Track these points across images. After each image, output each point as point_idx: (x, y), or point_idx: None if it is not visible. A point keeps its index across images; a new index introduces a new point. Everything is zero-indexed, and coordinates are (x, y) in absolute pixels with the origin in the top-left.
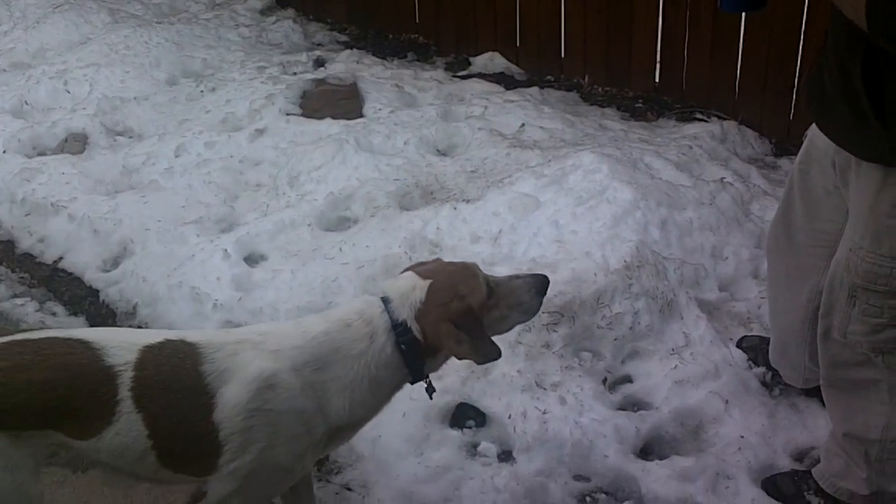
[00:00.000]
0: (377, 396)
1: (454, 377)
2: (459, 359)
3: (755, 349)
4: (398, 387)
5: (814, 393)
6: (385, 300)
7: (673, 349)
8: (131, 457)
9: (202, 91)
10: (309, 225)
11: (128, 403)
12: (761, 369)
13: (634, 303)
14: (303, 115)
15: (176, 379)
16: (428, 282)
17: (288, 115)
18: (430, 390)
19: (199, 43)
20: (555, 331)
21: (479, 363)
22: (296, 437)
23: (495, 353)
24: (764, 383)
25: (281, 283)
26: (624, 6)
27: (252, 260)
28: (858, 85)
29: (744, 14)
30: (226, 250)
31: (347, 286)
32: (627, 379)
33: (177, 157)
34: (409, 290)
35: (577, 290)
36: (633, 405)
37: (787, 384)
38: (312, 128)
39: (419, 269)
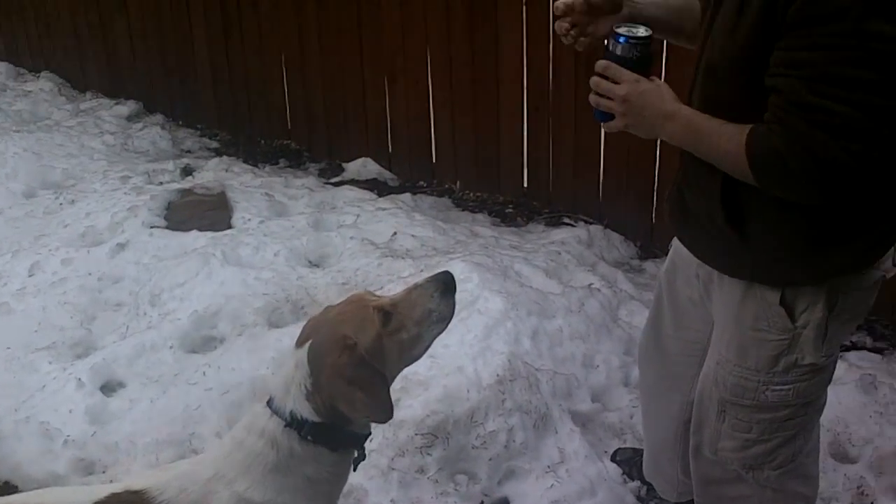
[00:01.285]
0: (333, 485)
1: None
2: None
3: (629, 462)
4: (343, 462)
5: None
6: (269, 400)
7: (549, 466)
8: None
9: (61, 204)
10: (171, 347)
11: None
12: (636, 483)
13: (508, 419)
14: (168, 227)
15: None
16: (305, 347)
17: (152, 227)
18: (360, 460)
19: (60, 152)
20: (429, 454)
21: (382, 422)
22: None
23: (389, 411)
24: (639, 498)
25: (139, 414)
26: (489, 113)
27: (108, 388)
28: (718, 204)
29: None
30: (79, 379)
31: (211, 414)
32: (504, 501)
33: (31, 276)
34: (292, 371)
35: (451, 409)
36: None
37: (662, 498)
38: (177, 241)
39: (302, 333)
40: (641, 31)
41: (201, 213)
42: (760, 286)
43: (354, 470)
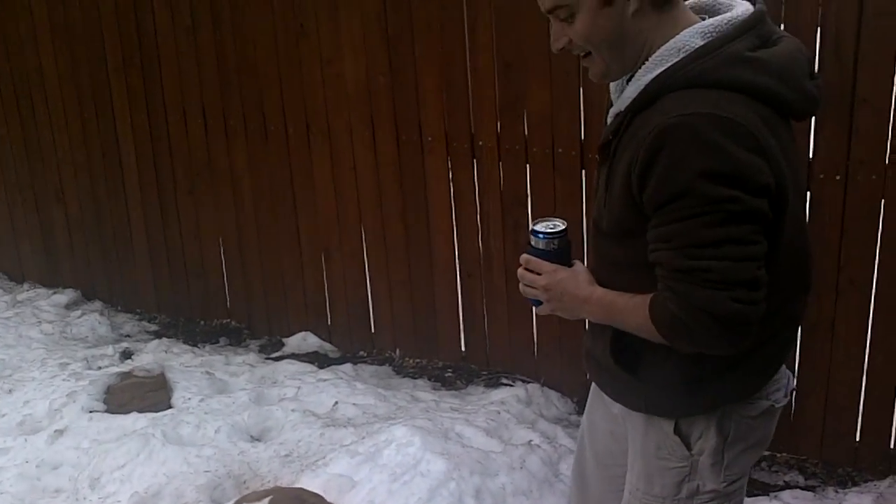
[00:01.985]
0: None
1: None
2: None
3: None
4: None
5: None
6: None
7: None
8: None
9: None
10: None
11: None
12: None
13: None
14: (107, 410)
15: None
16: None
17: (91, 411)
18: None
19: None
20: None
21: None
22: None
23: None
24: None
25: None
26: (425, 282)
27: None
28: (608, 349)
29: None
30: None
31: None
32: None
33: None
34: None
35: None
36: None
37: None
38: (117, 423)
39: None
40: (558, 225)
41: (141, 394)
42: (658, 418)
43: None
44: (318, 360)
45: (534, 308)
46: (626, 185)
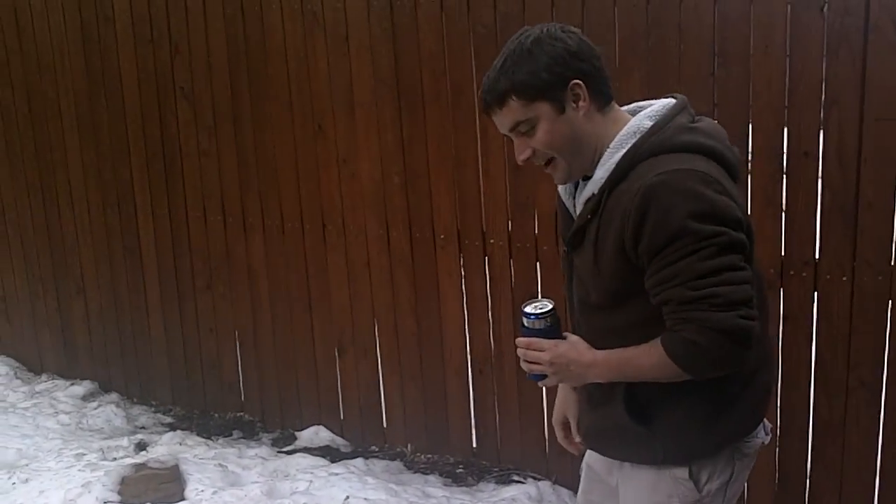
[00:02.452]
0: None
1: None
2: None
3: None
4: None
5: None
6: None
7: None
8: None
9: (14, 483)
10: None
11: None
12: None
13: None
14: (122, 501)
15: None
16: None
17: (106, 502)
18: None
19: (14, 433)
20: None
21: None
22: None
23: None
24: None
25: None
26: (436, 378)
27: None
28: (623, 412)
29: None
30: None
31: None
32: None
33: None
34: None
35: None
36: None
37: None
38: None
39: None
40: (547, 305)
41: (155, 486)
42: (670, 467)
43: None
44: (330, 454)
45: (538, 383)
46: (619, 249)
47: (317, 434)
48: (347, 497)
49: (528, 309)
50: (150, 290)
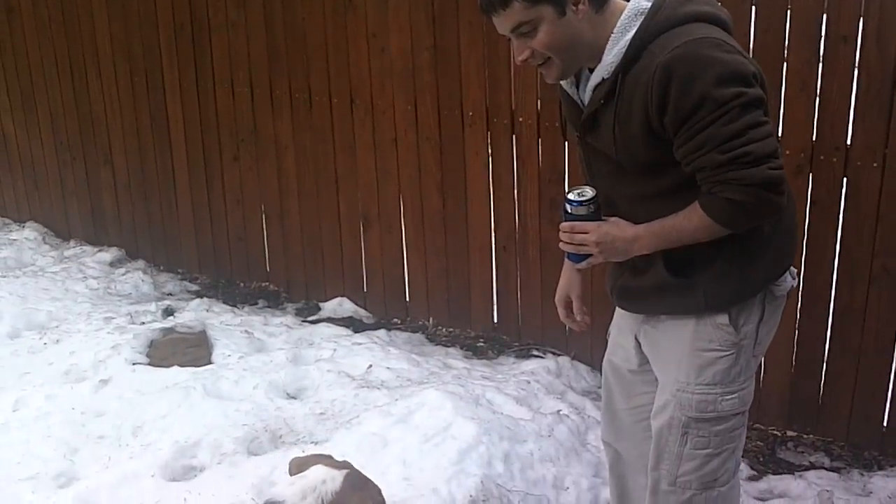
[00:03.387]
0: None
1: None
2: None
3: None
4: None
5: None
6: None
7: None
8: None
9: (45, 343)
10: (152, 475)
11: None
12: None
13: None
14: (150, 363)
15: None
16: (344, 471)
17: (134, 364)
18: None
19: (44, 296)
20: None
21: None
22: None
23: None
24: None
25: None
26: (460, 253)
27: None
28: (663, 269)
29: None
30: None
31: None
32: None
33: (14, 411)
34: (319, 482)
35: None
36: None
37: None
38: (159, 376)
39: (327, 461)
40: (588, 192)
41: (183, 350)
42: (710, 314)
43: None
44: (354, 324)
45: (576, 265)
46: (645, 126)
47: (340, 305)
48: (370, 365)
49: (570, 196)
50: (177, 161)
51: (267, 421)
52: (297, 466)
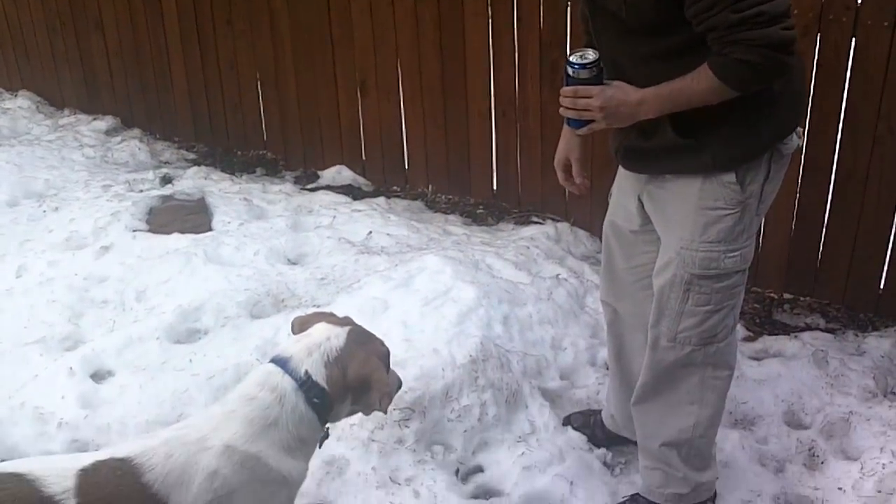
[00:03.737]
0: (307, 455)
1: (309, 480)
2: (376, 401)
3: (587, 425)
4: (318, 433)
5: None
6: (280, 361)
7: (520, 437)
8: None
9: (45, 211)
10: (157, 338)
11: None
12: (602, 451)
13: (481, 395)
14: (150, 230)
15: (122, 498)
16: (347, 327)
17: (134, 231)
18: (324, 438)
19: (41, 164)
20: (407, 426)
21: (385, 407)
22: (262, 501)
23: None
24: (605, 464)
25: (129, 398)
26: (459, 120)
27: (98, 376)
28: (670, 131)
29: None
30: (70, 368)
31: (198, 397)
32: (479, 468)
33: (18, 277)
34: (323, 339)
35: (427, 386)
36: (486, 493)
37: (626, 462)
38: (160, 242)
39: (329, 318)
40: (590, 55)
41: (182, 217)
42: (717, 174)
43: (319, 447)
44: (353, 192)
45: (577, 131)
46: None
47: (339, 173)
48: (370, 232)
49: (572, 58)
50: (169, 27)
51: (269, 286)
52: (300, 324)
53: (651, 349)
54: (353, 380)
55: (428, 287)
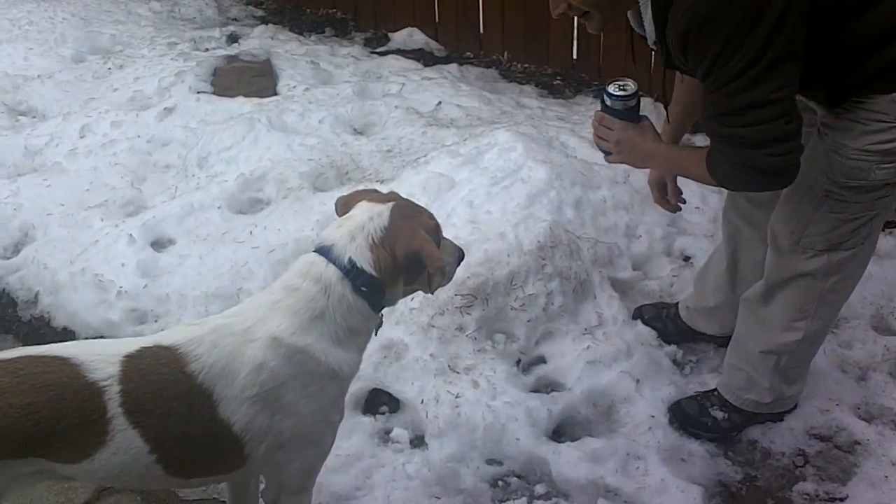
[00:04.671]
0: (360, 346)
1: (366, 363)
2: (431, 280)
3: (658, 319)
4: (373, 322)
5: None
6: (323, 250)
7: (586, 329)
8: (134, 473)
9: (110, 68)
10: (219, 207)
11: (120, 420)
12: (672, 348)
13: (548, 283)
14: (214, 92)
15: (167, 386)
16: (390, 204)
17: (199, 93)
18: (378, 326)
19: (107, 18)
20: (468, 313)
21: (444, 282)
22: (311, 395)
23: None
24: (675, 362)
25: (188, 269)
26: None
27: (159, 245)
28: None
29: None
30: (131, 235)
31: (258, 271)
32: (541, 360)
33: (81, 137)
34: (366, 220)
35: (491, 272)
36: (547, 386)
37: (697, 361)
38: (224, 106)
39: (371, 196)
40: (629, 87)
41: (247, 79)
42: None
43: (375, 334)
44: (424, 58)
45: (605, 157)
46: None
47: (410, 36)
48: (440, 102)
49: (610, 88)
50: None
51: (333, 156)
52: (344, 204)
53: (772, 250)
54: (402, 259)
55: (497, 165)
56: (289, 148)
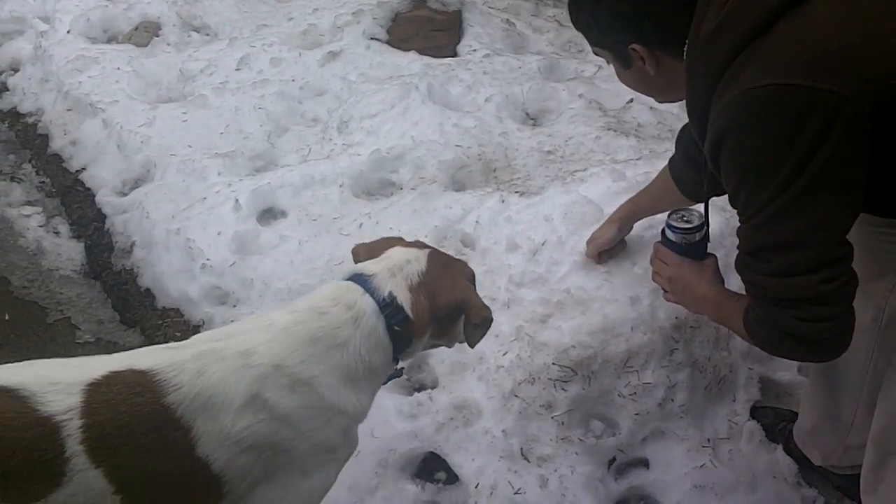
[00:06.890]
0: (373, 390)
1: (429, 421)
2: (473, 332)
3: (770, 427)
4: (391, 368)
5: None
6: (360, 279)
7: (709, 440)
8: None
9: None
10: (341, 185)
11: (81, 459)
12: (814, 491)
13: (673, 374)
14: (388, 41)
15: (139, 420)
16: (427, 250)
17: (371, 38)
18: (394, 376)
19: None
20: (563, 389)
21: (478, 337)
22: (315, 429)
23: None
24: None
25: (283, 254)
26: None
27: (269, 215)
28: None
29: None
30: (237, 200)
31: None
32: (642, 463)
33: (237, 70)
34: (403, 262)
35: (603, 346)
36: (639, 500)
37: None
38: (391, 60)
39: (402, 243)
40: (694, 220)
41: (426, 32)
42: None
43: (385, 384)
44: None
45: (662, 294)
46: None
47: None
48: (632, 99)
49: (672, 220)
50: None
51: (485, 147)
52: (368, 251)
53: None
54: (442, 306)
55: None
56: (439, 127)
